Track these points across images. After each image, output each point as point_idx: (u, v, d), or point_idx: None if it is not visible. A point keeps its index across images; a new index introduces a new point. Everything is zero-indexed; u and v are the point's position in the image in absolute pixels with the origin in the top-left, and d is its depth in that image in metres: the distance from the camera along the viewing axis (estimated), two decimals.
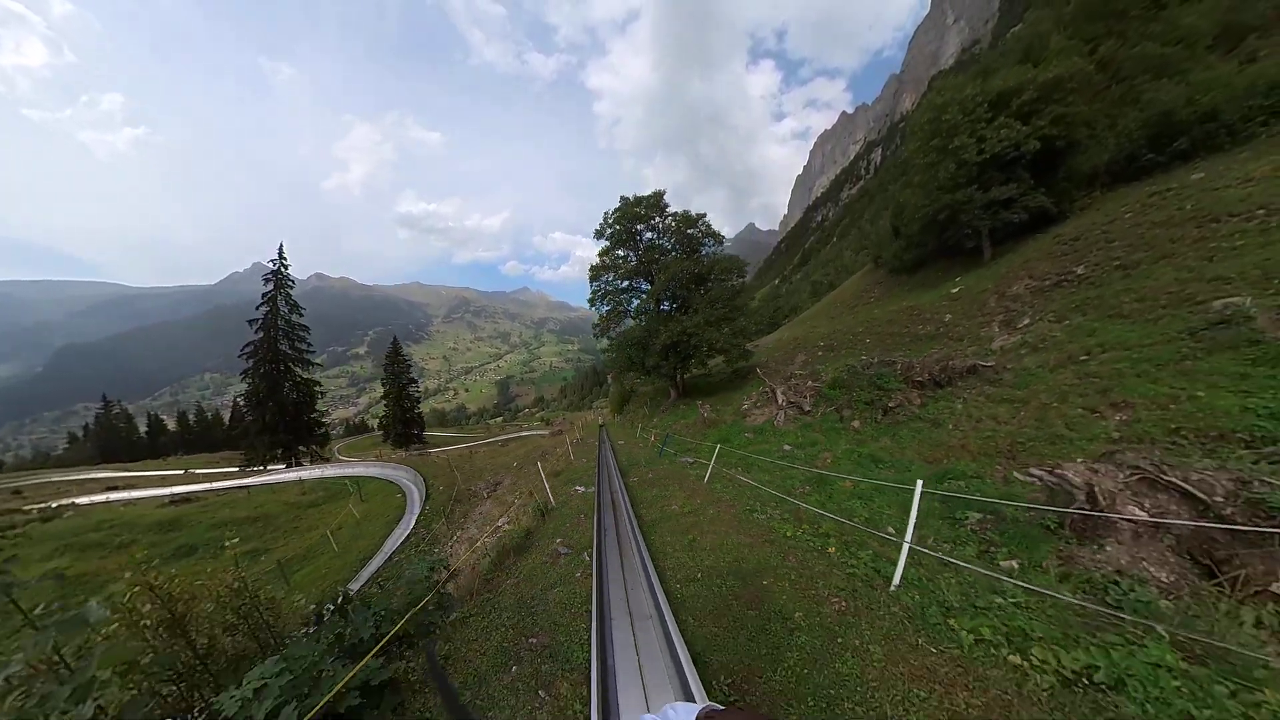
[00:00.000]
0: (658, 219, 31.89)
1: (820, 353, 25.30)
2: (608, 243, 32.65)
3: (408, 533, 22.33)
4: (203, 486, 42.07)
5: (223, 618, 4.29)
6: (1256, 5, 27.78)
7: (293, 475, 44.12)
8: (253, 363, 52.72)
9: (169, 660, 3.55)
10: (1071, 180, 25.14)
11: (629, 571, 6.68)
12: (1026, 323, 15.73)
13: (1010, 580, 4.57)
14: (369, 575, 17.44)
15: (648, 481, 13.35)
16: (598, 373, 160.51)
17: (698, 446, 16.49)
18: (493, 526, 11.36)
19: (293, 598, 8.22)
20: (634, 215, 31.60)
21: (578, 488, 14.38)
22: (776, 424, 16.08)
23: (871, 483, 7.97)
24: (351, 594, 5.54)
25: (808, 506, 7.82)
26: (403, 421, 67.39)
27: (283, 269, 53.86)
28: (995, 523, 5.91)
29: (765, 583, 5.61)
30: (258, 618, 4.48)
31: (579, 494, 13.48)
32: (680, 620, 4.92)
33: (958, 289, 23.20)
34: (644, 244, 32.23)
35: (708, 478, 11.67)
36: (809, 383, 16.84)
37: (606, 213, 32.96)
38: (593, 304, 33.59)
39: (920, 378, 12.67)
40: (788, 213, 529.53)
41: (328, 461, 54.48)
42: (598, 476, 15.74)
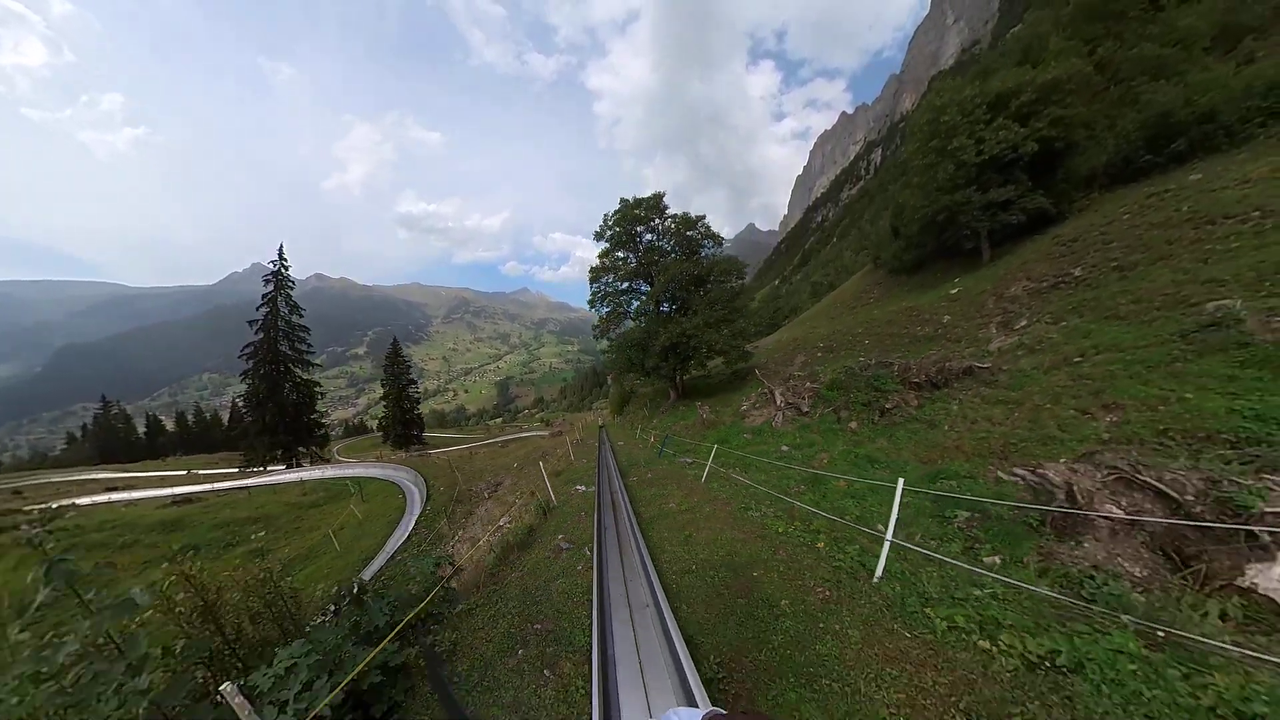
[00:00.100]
0: (657, 221, 31.98)
1: (819, 354, 25.38)
2: (607, 244, 32.75)
3: (409, 532, 22.41)
4: (204, 487, 42.17)
5: (249, 606, 4.61)
6: (1254, 6, 27.87)
7: (294, 476, 44.22)
8: (253, 363, 52.80)
9: (202, 644, 3.86)
10: (1070, 181, 25.18)
11: (628, 565, 6.92)
12: (1024, 324, 15.81)
13: (990, 574, 4.79)
14: (371, 575, 17.55)
15: (647, 481, 13.57)
16: (597, 374, 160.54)
17: (696, 447, 16.57)
18: (495, 525, 11.51)
19: (311, 589, 8.47)
20: (633, 217, 31.69)
21: (578, 487, 14.57)
22: (775, 425, 16.16)
23: (865, 482, 8.09)
24: (367, 584, 5.79)
25: (801, 505, 8.01)
26: (402, 422, 67.45)
27: (283, 270, 53.99)
28: (981, 521, 6.09)
29: (755, 574, 5.87)
30: (281, 606, 4.83)
31: (579, 493, 13.68)
32: (675, 608, 5.21)
33: (956, 290, 23.27)
34: (643, 246, 32.33)
35: (705, 477, 11.88)
36: (807, 384, 16.92)
37: (606, 214, 33.10)
38: (592, 305, 33.67)
39: (917, 379, 12.74)
40: (788, 213, 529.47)
41: (327, 462, 54.54)
42: (598, 476, 15.88)
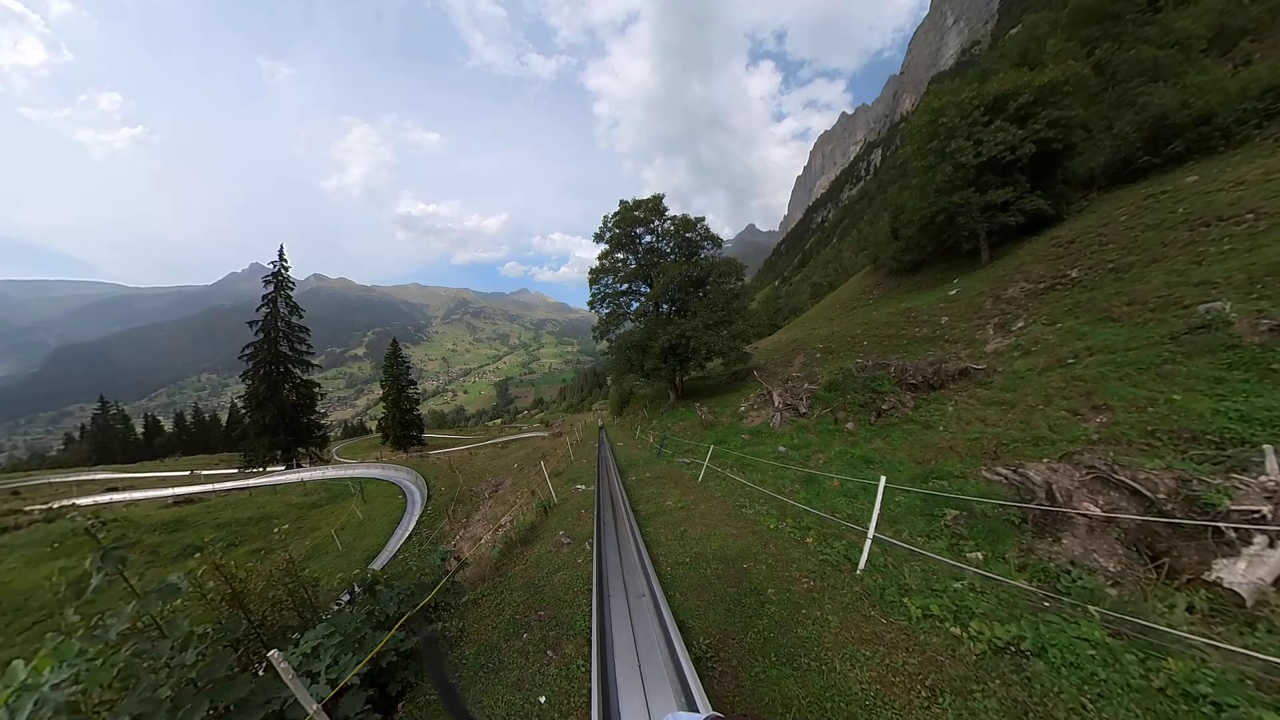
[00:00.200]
0: (656, 222, 32.05)
1: (818, 355, 25.46)
2: (607, 246, 32.84)
3: (410, 532, 22.49)
4: (205, 487, 42.26)
5: (272, 594, 4.94)
6: (1250, 8, 27.98)
7: (295, 476, 44.31)
8: (253, 364, 52.80)
9: (231, 628, 4.15)
10: (1068, 182, 25.27)
11: (626, 558, 7.29)
12: (1021, 325, 15.90)
13: (971, 569, 5.03)
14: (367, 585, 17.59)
15: (645, 480, 13.77)
16: (597, 374, 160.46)
17: (695, 447, 16.67)
18: (497, 524, 11.68)
19: (331, 579, 8.77)
20: (633, 219, 31.78)
21: (578, 486, 14.76)
22: (773, 426, 16.25)
23: (858, 482, 8.25)
24: (380, 576, 6.14)
25: (793, 503, 8.28)
26: (402, 423, 67.40)
27: (283, 270, 54.04)
28: (968, 518, 6.30)
29: (745, 566, 6.20)
30: (301, 595, 5.19)
31: (580, 492, 13.90)
32: (669, 596, 5.59)
33: (955, 291, 23.35)
34: (643, 247, 32.41)
35: (702, 477, 12.08)
36: (805, 385, 17.01)
37: (606, 216, 33.21)
38: (592, 306, 33.75)
39: (914, 380, 12.84)
40: (788, 213, 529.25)
41: (327, 463, 54.60)
42: (597, 476, 16.03)
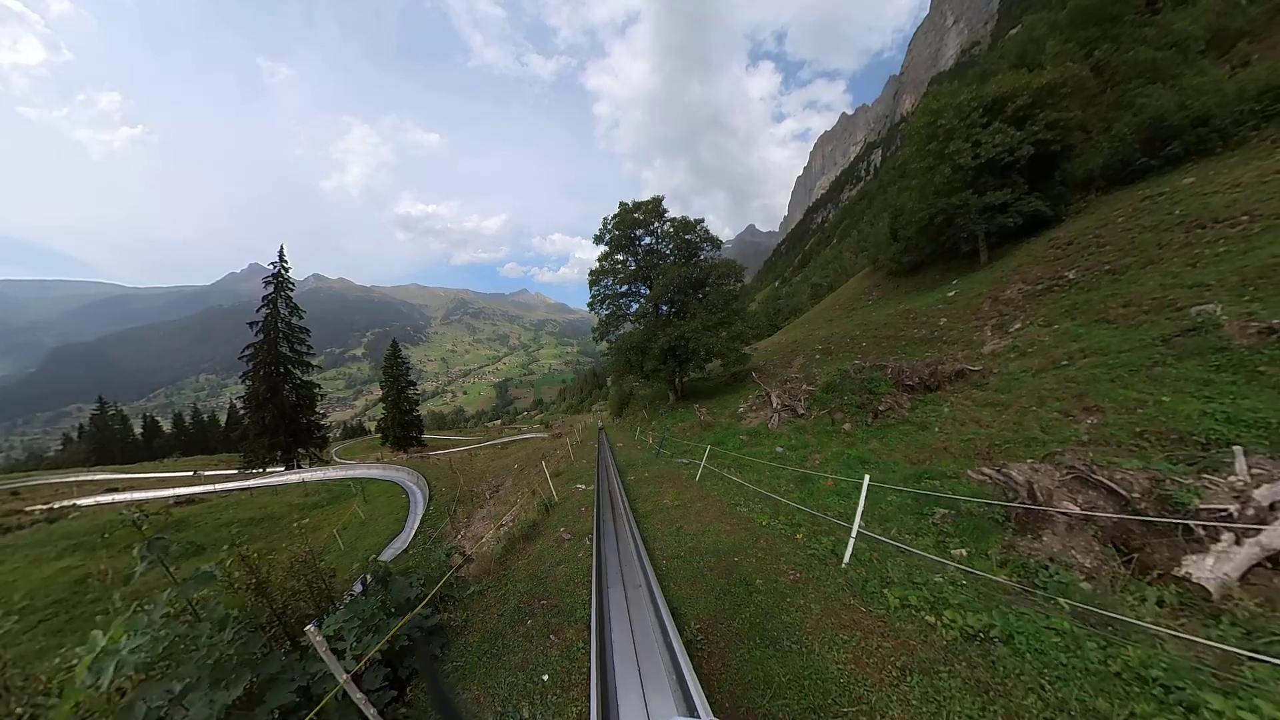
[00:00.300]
0: (656, 224, 32.13)
1: (818, 356, 25.53)
2: (607, 247, 32.91)
3: (413, 532, 22.52)
4: (206, 488, 42.30)
5: (291, 584, 5.29)
6: (1248, 10, 28.04)
7: (295, 477, 44.35)
8: (253, 365, 52.78)
9: (256, 614, 4.49)
10: (1067, 184, 25.32)
11: (624, 552, 7.67)
12: (1018, 327, 15.97)
13: (953, 564, 5.30)
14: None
15: (644, 480, 14.01)
16: (597, 375, 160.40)
17: (694, 448, 16.75)
18: (499, 523, 11.86)
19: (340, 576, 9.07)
20: (632, 221, 31.87)
21: (578, 485, 14.97)
22: (771, 426, 16.31)
23: (851, 481, 8.37)
24: (392, 567, 6.51)
25: (787, 502, 8.54)
26: (401, 424, 67.39)
27: (283, 271, 54.07)
28: (955, 517, 6.48)
29: (736, 559, 6.52)
30: (319, 585, 5.55)
31: (580, 491, 14.13)
32: (664, 586, 5.92)
33: (953, 292, 23.42)
34: (642, 249, 32.48)
35: (699, 476, 12.32)
36: (803, 386, 17.08)
37: (606, 218, 33.29)
38: (592, 308, 33.84)
39: (911, 382, 12.91)
40: (788, 214, 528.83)
41: (327, 464, 54.61)
42: (597, 476, 16.16)
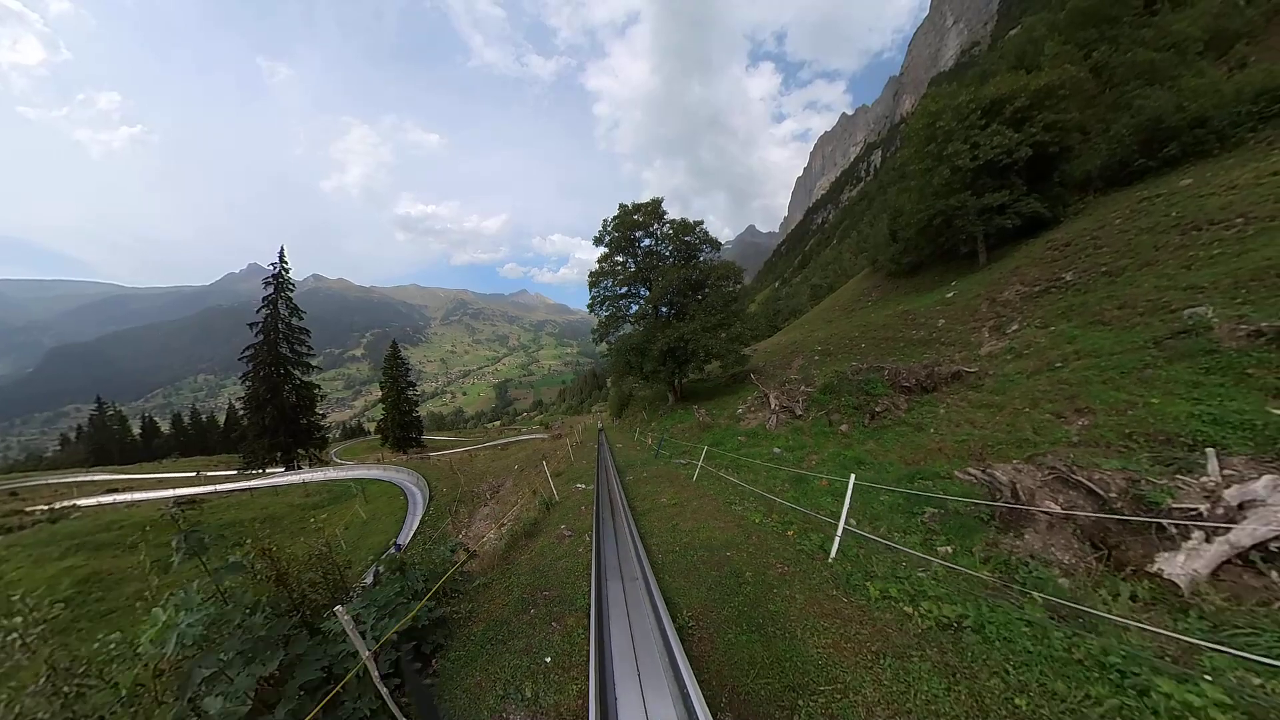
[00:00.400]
0: (655, 226, 32.24)
1: (817, 357, 25.57)
2: (606, 249, 33.01)
3: (414, 532, 22.61)
4: (207, 489, 42.35)
5: (308, 575, 5.59)
6: (1246, 11, 28.11)
7: (296, 478, 44.39)
8: (253, 366, 52.78)
9: (278, 603, 4.75)
10: (1065, 185, 25.38)
11: (622, 547, 8.05)
12: (1015, 328, 16.02)
13: (936, 560, 5.53)
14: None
15: (642, 480, 14.27)
16: (596, 376, 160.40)
17: (692, 449, 16.85)
18: (500, 522, 12.04)
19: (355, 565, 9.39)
20: (632, 223, 31.96)
21: (578, 485, 15.22)
22: (769, 428, 16.37)
23: (846, 481, 8.37)
24: (406, 559, 6.89)
25: (781, 501, 8.78)
26: (401, 425, 67.45)
27: (284, 272, 54.12)
28: (943, 516, 6.68)
29: (728, 554, 6.86)
30: (335, 576, 5.88)
31: (580, 490, 14.39)
32: (659, 578, 6.30)
33: (952, 294, 23.47)
34: (642, 251, 32.57)
35: (696, 477, 12.55)
36: (802, 388, 17.14)
37: (605, 219, 33.39)
38: (592, 309, 33.94)
39: (908, 383, 12.97)
40: (788, 214, 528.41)
41: (327, 465, 54.64)
42: (597, 476, 16.33)
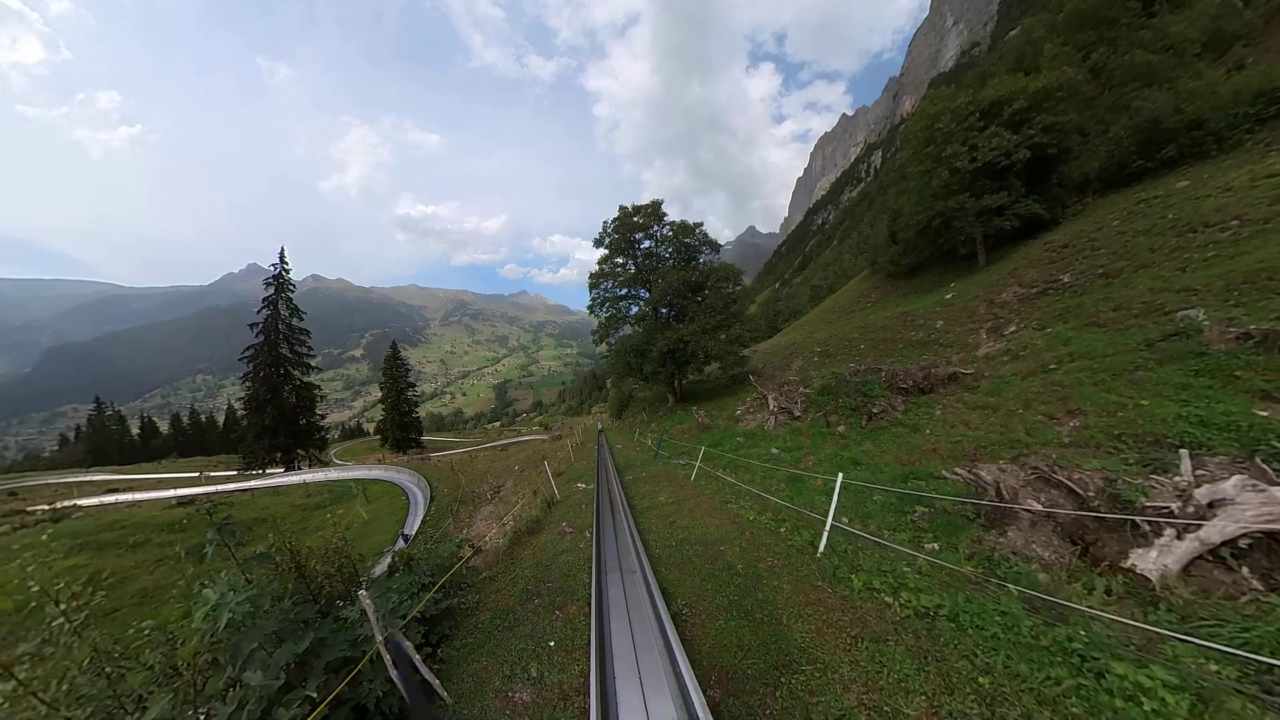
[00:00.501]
0: (655, 228, 32.33)
1: (816, 358, 25.65)
2: (606, 251, 33.11)
3: (415, 531, 22.70)
4: (207, 489, 42.41)
5: (323, 568, 5.95)
6: (1243, 13, 28.18)
7: (296, 478, 44.45)
8: (253, 366, 52.78)
9: (297, 593, 5.05)
10: (1063, 186, 25.45)
11: (621, 543, 8.45)
12: (1013, 330, 16.11)
13: (922, 555, 5.76)
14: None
15: (641, 479, 14.46)
16: (596, 377, 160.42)
17: (691, 450, 16.94)
18: (503, 520, 12.20)
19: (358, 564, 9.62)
20: (632, 225, 32.08)
21: (579, 484, 15.43)
22: (767, 429, 16.45)
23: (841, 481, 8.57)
24: (415, 555, 7.23)
25: (776, 500, 9.04)
26: (401, 425, 67.44)
27: (284, 273, 54.17)
28: (932, 515, 6.87)
29: (722, 549, 7.21)
30: (349, 570, 6.28)
31: (580, 489, 14.62)
32: (656, 570, 6.71)
33: (951, 295, 23.55)
34: (642, 252, 32.68)
35: (694, 476, 12.75)
36: (800, 389, 17.22)
37: (606, 221, 33.47)
38: (592, 310, 34.03)
39: (905, 385, 13.05)
40: (788, 215, 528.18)
41: (327, 465, 54.67)
42: (597, 476, 16.51)
